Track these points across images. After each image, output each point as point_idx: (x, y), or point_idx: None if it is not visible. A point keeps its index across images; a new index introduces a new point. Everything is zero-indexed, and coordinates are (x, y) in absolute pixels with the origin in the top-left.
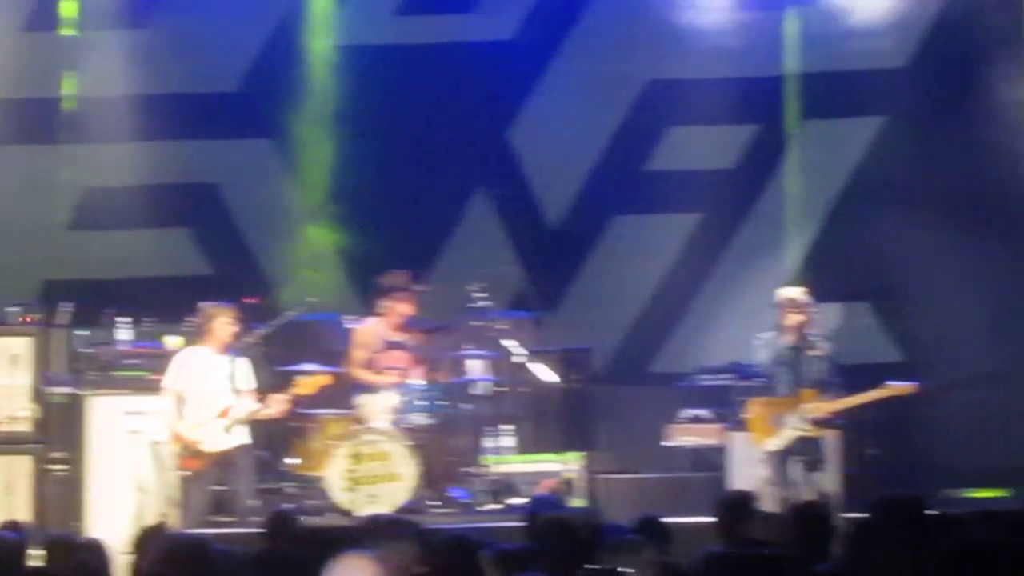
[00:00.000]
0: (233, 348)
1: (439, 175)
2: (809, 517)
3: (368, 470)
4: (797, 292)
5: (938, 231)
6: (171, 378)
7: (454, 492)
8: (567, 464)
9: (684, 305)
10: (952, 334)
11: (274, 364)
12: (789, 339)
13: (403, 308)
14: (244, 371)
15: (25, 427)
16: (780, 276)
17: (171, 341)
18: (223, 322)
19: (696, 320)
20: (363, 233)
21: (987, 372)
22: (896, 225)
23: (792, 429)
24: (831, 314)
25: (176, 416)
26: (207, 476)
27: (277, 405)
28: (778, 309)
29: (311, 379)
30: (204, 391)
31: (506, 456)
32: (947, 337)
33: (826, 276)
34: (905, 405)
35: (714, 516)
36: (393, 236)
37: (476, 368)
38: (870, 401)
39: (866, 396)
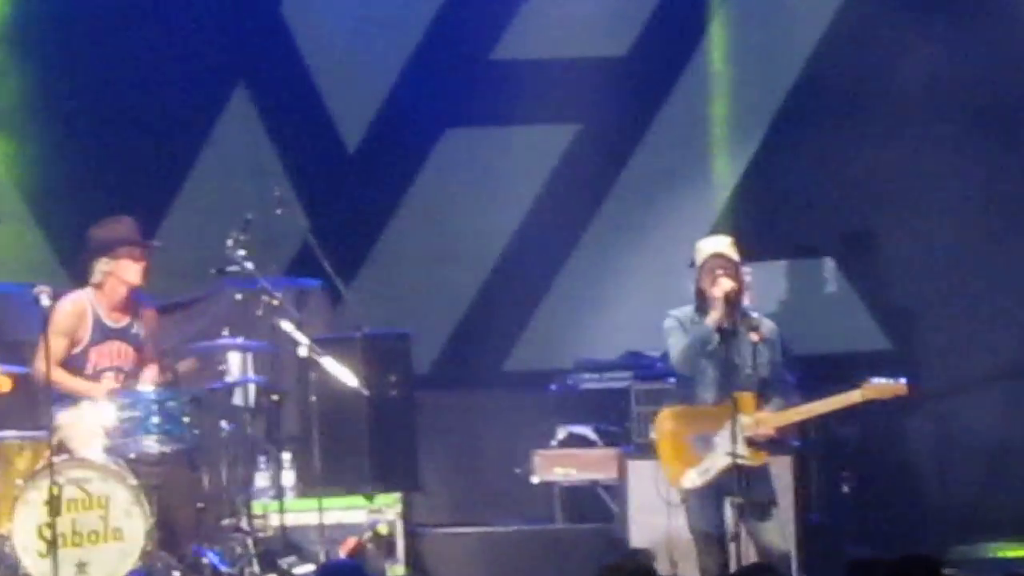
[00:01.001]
0: None
1: (177, 69)
2: None
3: (74, 524)
4: (726, 245)
5: (932, 151)
6: None
7: (205, 555)
8: (378, 512)
9: (554, 267)
10: (960, 304)
11: None
12: (716, 317)
13: (128, 274)
14: None
15: None
16: (700, 221)
17: None
18: None
19: (573, 290)
20: (65, 159)
21: (1013, 364)
22: (871, 143)
23: (723, 454)
24: (778, 278)
25: None
26: None
27: None
28: (698, 271)
29: None
30: None
31: (286, 501)
32: (952, 309)
33: (769, 221)
34: (893, 416)
35: None
36: (111, 162)
37: (238, 365)
38: (840, 410)
39: (834, 402)
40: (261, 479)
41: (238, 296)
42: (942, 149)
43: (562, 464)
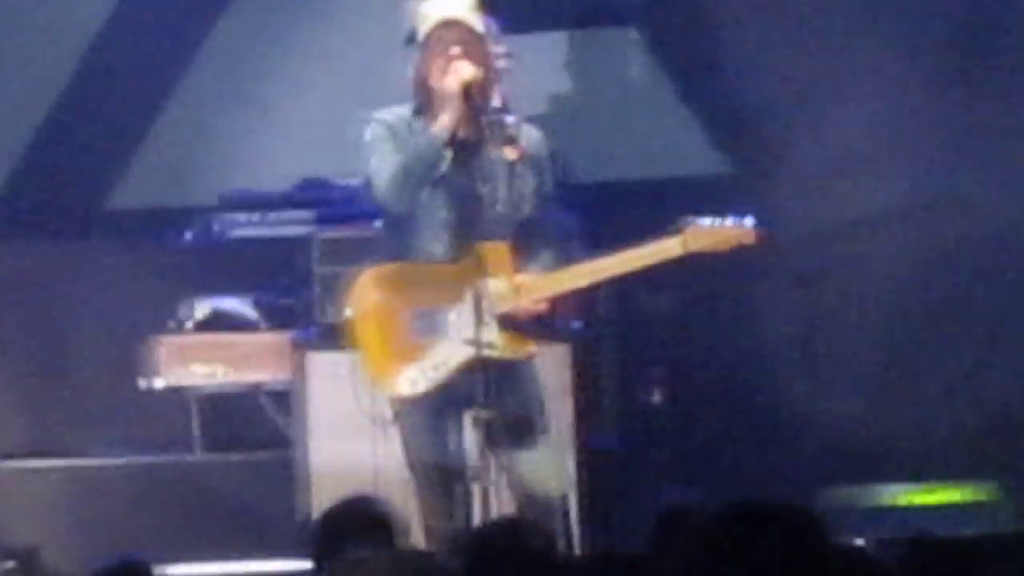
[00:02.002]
0: None
1: None
2: (495, 559)
3: None
4: (465, 6)
5: None
6: None
7: None
8: None
9: (180, 45)
10: (843, 105)
11: None
12: (448, 122)
13: None
14: None
15: None
16: None
17: None
18: None
19: (212, 82)
20: None
21: (920, 202)
22: None
23: (461, 342)
24: (551, 61)
25: None
26: None
27: None
28: (419, 50)
29: None
30: None
31: None
32: (835, 113)
33: None
34: (735, 282)
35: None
36: None
37: None
38: (651, 268)
39: (640, 256)
40: None
41: None
42: None
43: (202, 358)
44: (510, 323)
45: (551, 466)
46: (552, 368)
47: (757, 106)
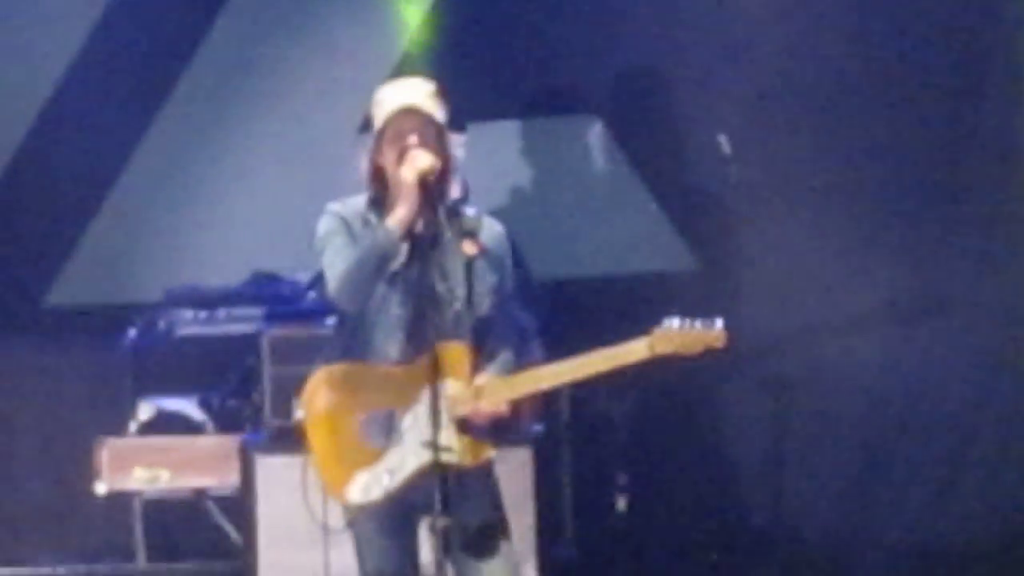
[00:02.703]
0: None
1: None
2: None
3: None
4: (424, 95)
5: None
6: None
7: None
8: None
9: (126, 137)
10: (807, 196)
11: None
12: (404, 216)
13: None
14: None
15: None
16: (374, 55)
17: None
18: None
19: (156, 172)
20: None
21: (893, 305)
22: None
23: (416, 447)
24: (510, 152)
25: None
26: None
27: None
28: (374, 139)
29: None
30: None
31: None
32: (799, 201)
33: (494, 55)
34: (703, 384)
35: None
36: None
37: None
38: (615, 372)
39: (604, 358)
40: None
41: None
42: None
43: (147, 462)
44: (468, 427)
45: None
46: (512, 473)
47: (724, 201)
